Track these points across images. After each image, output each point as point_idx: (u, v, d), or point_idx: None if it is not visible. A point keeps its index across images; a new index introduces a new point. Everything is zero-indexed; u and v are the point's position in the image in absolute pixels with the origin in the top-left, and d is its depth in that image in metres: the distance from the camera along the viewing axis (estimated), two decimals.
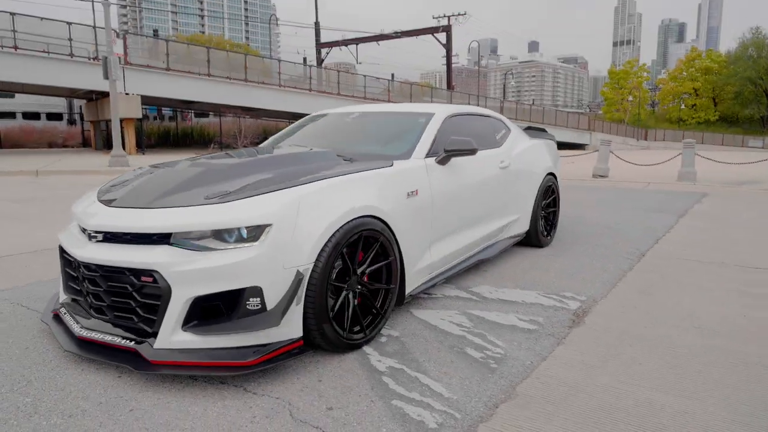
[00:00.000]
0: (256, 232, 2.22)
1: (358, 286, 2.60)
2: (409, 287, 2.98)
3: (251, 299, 2.19)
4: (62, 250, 2.66)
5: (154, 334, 2.22)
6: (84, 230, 2.52)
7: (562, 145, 35.11)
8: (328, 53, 43.52)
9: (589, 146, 39.81)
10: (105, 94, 20.20)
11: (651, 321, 3.09)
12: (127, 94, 20.15)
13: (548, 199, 4.88)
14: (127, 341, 2.26)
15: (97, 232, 2.39)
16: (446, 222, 3.30)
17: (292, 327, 2.28)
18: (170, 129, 31.46)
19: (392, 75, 51.92)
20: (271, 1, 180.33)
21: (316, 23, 40.91)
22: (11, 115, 31.98)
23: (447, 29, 39.54)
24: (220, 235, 2.22)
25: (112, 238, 2.36)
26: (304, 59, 42.45)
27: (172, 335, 2.18)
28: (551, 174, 4.83)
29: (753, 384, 2.33)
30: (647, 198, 8.55)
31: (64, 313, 2.59)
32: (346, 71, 37.11)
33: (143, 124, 24.69)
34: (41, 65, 18.83)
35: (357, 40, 42.48)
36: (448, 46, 39.65)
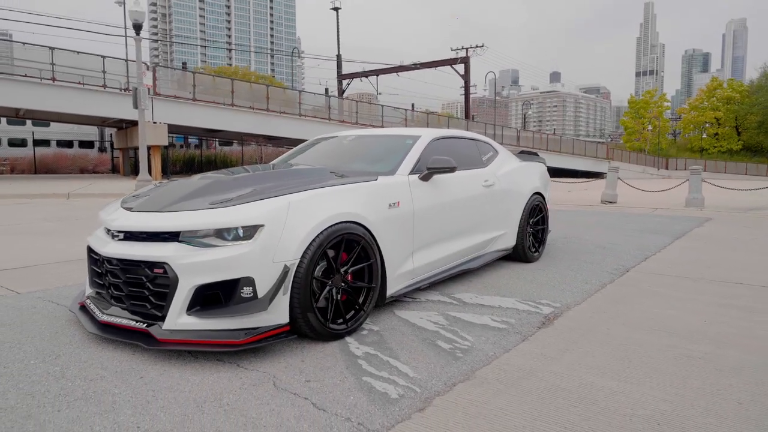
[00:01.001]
0: (250, 231, 2.62)
1: (342, 283, 2.96)
2: (391, 289, 3.33)
3: (245, 288, 2.57)
4: (90, 250, 3.10)
5: (163, 318, 2.61)
6: (108, 231, 2.96)
7: (580, 174, 35.26)
8: (349, 84, 44.79)
9: (607, 174, 39.79)
10: (134, 123, 21.25)
11: (615, 324, 3.36)
12: (155, 122, 21.16)
13: (536, 218, 5.19)
14: (141, 323, 2.66)
15: (119, 231, 2.82)
16: (428, 232, 3.65)
17: (279, 314, 2.65)
18: (195, 156, 32.59)
19: (412, 105, 52.90)
20: (296, 34, 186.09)
21: (338, 56, 42.28)
22: (46, 142, 33.50)
23: (465, 61, 40.41)
24: (220, 233, 2.62)
25: (131, 236, 2.79)
26: (326, 90, 43.69)
27: (178, 318, 2.57)
28: (538, 194, 5.15)
29: (690, 373, 2.60)
30: (648, 221, 8.74)
31: (89, 303, 3.01)
32: (367, 102, 38.10)
33: (169, 152, 25.73)
34: (76, 96, 19.97)
35: (377, 72, 43.65)
36: (466, 77, 40.44)
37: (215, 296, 2.61)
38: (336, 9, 41.38)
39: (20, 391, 2.25)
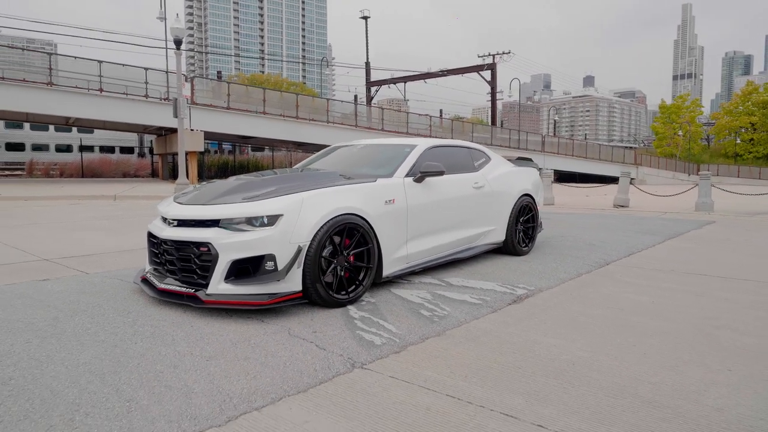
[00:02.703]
0: (273, 220, 3.42)
1: (345, 263, 3.73)
2: (387, 270, 4.08)
3: (268, 262, 3.37)
4: (150, 235, 3.95)
5: (206, 285, 3.43)
6: (165, 219, 3.81)
7: (607, 179, 35.24)
8: (377, 90, 45.79)
9: (635, 180, 39.54)
10: (173, 130, 22.60)
11: (574, 302, 4.01)
12: (192, 130, 22.45)
13: (526, 216, 5.86)
14: (190, 289, 3.49)
15: (173, 219, 3.67)
16: (420, 225, 4.39)
17: (294, 283, 3.43)
18: (228, 161, 34.03)
19: (440, 111, 53.48)
20: (327, 41, 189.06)
21: (367, 63, 43.32)
22: (90, 148, 35.60)
23: (492, 67, 40.87)
24: (250, 221, 3.43)
25: (182, 223, 3.63)
26: (355, 97, 44.78)
27: (218, 285, 3.39)
28: (527, 195, 5.82)
29: (618, 335, 3.26)
30: (650, 224, 9.22)
31: (149, 276, 3.87)
32: (397, 108, 39.00)
33: (204, 157, 27.09)
34: (121, 105, 21.45)
35: (404, 79, 44.53)
36: (492, 83, 40.90)
37: (246, 269, 3.41)
38: (365, 18, 42.46)
39: (107, 332, 3.10)
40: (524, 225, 5.84)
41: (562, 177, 36.57)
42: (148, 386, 2.39)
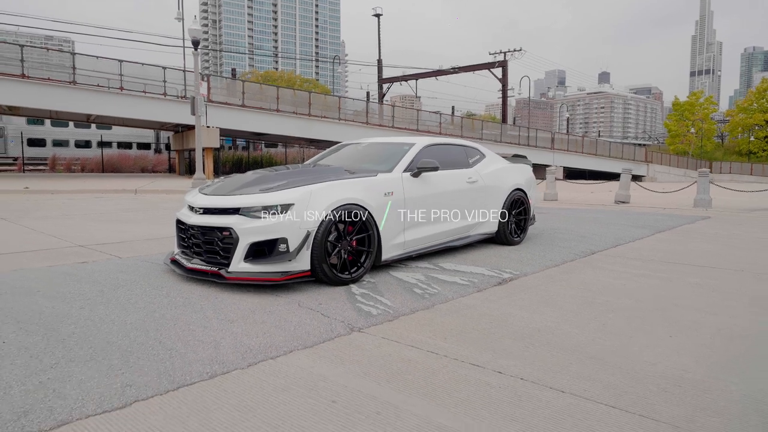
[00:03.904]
0: (286, 208, 3.96)
1: (349, 247, 4.26)
2: (386, 254, 4.60)
3: (281, 245, 3.91)
4: (178, 221, 4.52)
5: (228, 264, 3.98)
6: (191, 208, 4.37)
7: (616, 177, 35.40)
8: (389, 87, 46.27)
9: (646, 177, 39.60)
10: (189, 127, 23.31)
11: (553, 285, 4.50)
12: (208, 127, 23.15)
13: (518, 209, 6.34)
14: (214, 268, 4.04)
15: (199, 208, 4.23)
16: (417, 215, 4.90)
17: (303, 263, 3.97)
18: (243, 157, 34.80)
19: (452, 108, 53.72)
20: (340, 38, 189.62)
21: (379, 61, 43.82)
22: (108, 144, 36.57)
23: (503, 65, 41.12)
24: (266, 209, 3.97)
25: (207, 211, 4.18)
26: (367, 94, 45.25)
27: (238, 264, 3.94)
28: (519, 189, 6.30)
29: (584, 310, 3.74)
30: (644, 218, 9.62)
31: (178, 257, 4.44)
32: (410, 105, 39.38)
33: (220, 153, 27.79)
34: (140, 103, 22.21)
35: (416, 76, 44.93)
36: (503, 81, 41.14)
37: (262, 250, 3.96)
38: (377, 15, 42.93)
39: (145, 301, 3.67)
40: (516, 217, 6.32)
41: (572, 174, 36.77)
42: (184, 340, 2.94)
